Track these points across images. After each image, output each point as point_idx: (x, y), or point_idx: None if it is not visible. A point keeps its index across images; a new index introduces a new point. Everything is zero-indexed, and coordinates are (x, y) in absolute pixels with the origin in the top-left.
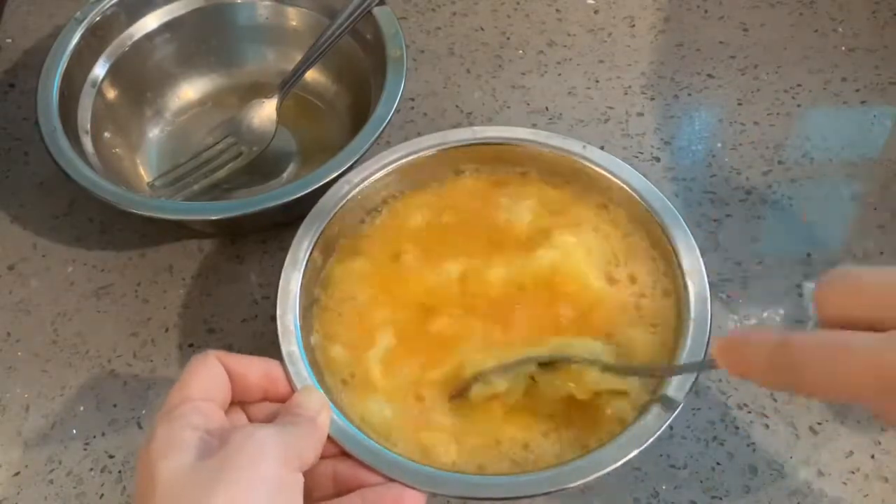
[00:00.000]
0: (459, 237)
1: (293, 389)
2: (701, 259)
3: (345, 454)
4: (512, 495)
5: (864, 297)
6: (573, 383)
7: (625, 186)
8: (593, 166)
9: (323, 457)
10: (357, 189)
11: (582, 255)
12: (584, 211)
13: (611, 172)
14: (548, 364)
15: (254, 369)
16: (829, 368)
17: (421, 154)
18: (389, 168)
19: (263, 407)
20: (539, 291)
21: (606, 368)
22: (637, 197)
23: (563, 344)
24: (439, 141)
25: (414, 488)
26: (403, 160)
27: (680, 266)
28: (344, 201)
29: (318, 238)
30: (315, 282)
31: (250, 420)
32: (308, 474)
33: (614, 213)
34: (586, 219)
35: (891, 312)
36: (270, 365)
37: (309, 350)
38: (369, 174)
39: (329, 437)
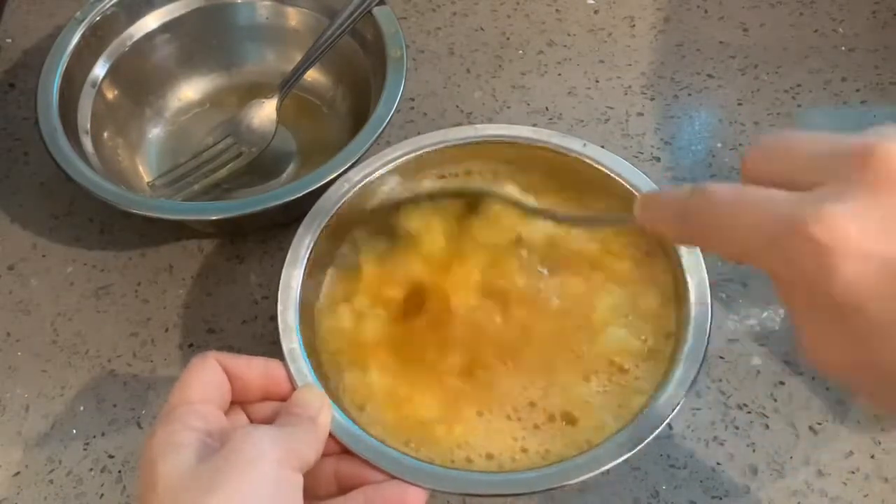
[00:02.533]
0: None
1: (294, 387)
2: (702, 259)
3: (346, 452)
4: (511, 492)
5: (788, 157)
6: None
7: (626, 185)
8: (594, 164)
9: (325, 455)
10: (359, 187)
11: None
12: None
13: (612, 171)
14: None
15: (254, 369)
16: (735, 217)
17: (422, 152)
18: (391, 166)
19: (264, 406)
20: (536, 292)
21: (529, 211)
22: (638, 195)
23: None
24: (440, 139)
25: (416, 485)
26: (405, 158)
27: (681, 266)
28: (345, 199)
29: (320, 236)
30: (315, 280)
31: (251, 420)
32: (310, 473)
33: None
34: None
35: (812, 175)
36: (271, 364)
37: (310, 347)
38: (370, 172)
39: (330, 435)
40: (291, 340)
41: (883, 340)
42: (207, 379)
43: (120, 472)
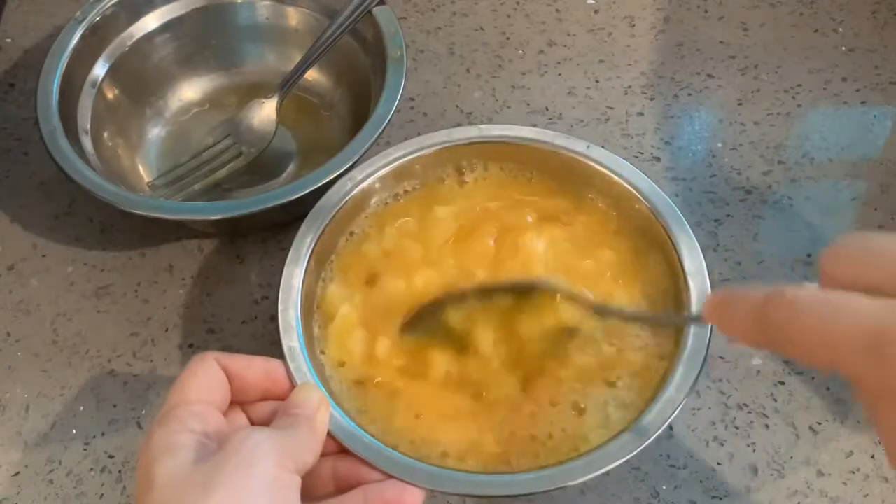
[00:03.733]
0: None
1: (294, 386)
2: (703, 260)
3: (345, 451)
4: (511, 493)
5: (871, 261)
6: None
7: (628, 186)
8: (597, 166)
9: (323, 454)
10: (359, 187)
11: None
12: (588, 212)
13: (614, 172)
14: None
15: (253, 369)
16: (821, 324)
17: (425, 152)
18: (392, 166)
19: (264, 406)
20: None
21: (594, 309)
22: (640, 197)
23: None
24: (444, 139)
25: (413, 485)
26: (407, 158)
27: (682, 266)
28: (346, 199)
29: (321, 235)
30: (316, 278)
31: (250, 420)
32: (308, 473)
33: (616, 213)
34: (589, 220)
35: (894, 277)
36: (271, 364)
37: (310, 346)
38: (372, 172)
39: (329, 434)
40: (292, 339)
41: None
42: (206, 379)
43: (120, 472)
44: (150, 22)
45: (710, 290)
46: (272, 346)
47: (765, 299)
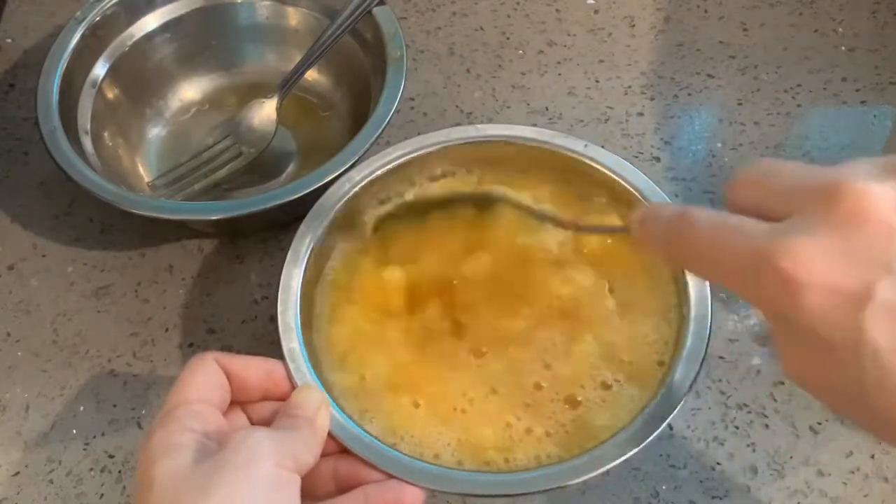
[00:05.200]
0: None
1: (294, 387)
2: None
3: (345, 451)
4: (511, 492)
5: (766, 186)
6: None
7: (626, 185)
8: (596, 165)
9: (323, 455)
10: (359, 187)
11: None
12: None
13: (613, 172)
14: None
15: (253, 369)
16: (714, 244)
17: (423, 152)
18: (392, 165)
19: (264, 406)
20: (537, 290)
21: (526, 210)
22: (639, 196)
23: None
24: (442, 139)
25: (413, 485)
26: (406, 158)
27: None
28: (346, 199)
29: (320, 235)
30: (316, 278)
31: (250, 420)
32: (308, 473)
33: (615, 212)
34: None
35: (785, 205)
36: (271, 364)
37: (310, 346)
38: (371, 172)
39: (329, 434)
40: (291, 340)
41: (842, 365)
42: (206, 379)
43: (120, 472)
44: (150, 22)
45: (708, 291)
46: (272, 347)
47: (674, 216)
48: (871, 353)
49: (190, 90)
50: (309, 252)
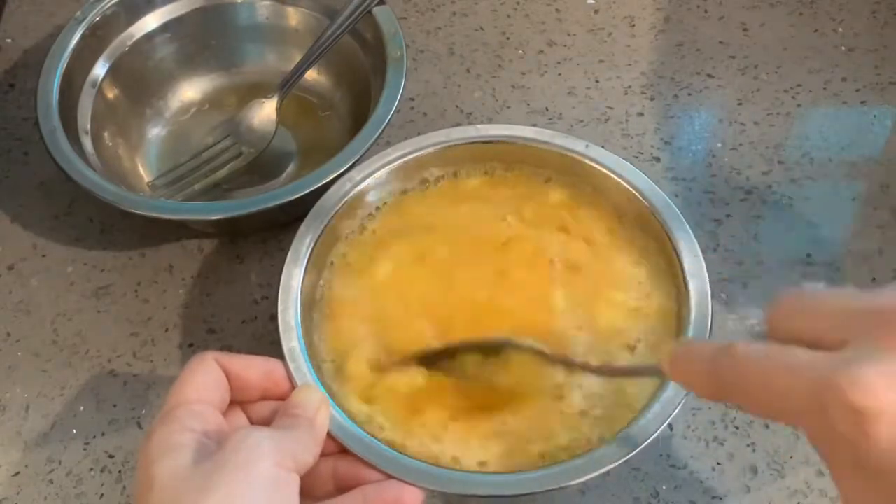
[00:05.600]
0: (461, 238)
1: (294, 387)
2: (703, 260)
3: (344, 451)
4: (511, 493)
5: (813, 315)
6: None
7: (628, 186)
8: (596, 165)
9: (323, 454)
10: (359, 187)
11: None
12: (588, 211)
13: (614, 172)
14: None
15: (253, 369)
16: (767, 379)
17: (424, 152)
18: (392, 166)
19: (264, 406)
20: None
21: (554, 360)
22: (639, 196)
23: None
24: (443, 139)
25: (413, 485)
26: (406, 158)
27: (681, 266)
28: (346, 199)
29: (320, 235)
30: (316, 278)
31: (250, 420)
32: (308, 473)
33: (616, 212)
34: (589, 219)
35: (837, 333)
36: (270, 364)
37: (310, 346)
38: (371, 172)
39: (329, 434)
40: (291, 339)
41: None
42: (206, 379)
43: (120, 472)
44: (150, 22)
45: (709, 290)
46: (272, 346)
47: (715, 355)
48: None
49: (190, 90)
50: (309, 252)
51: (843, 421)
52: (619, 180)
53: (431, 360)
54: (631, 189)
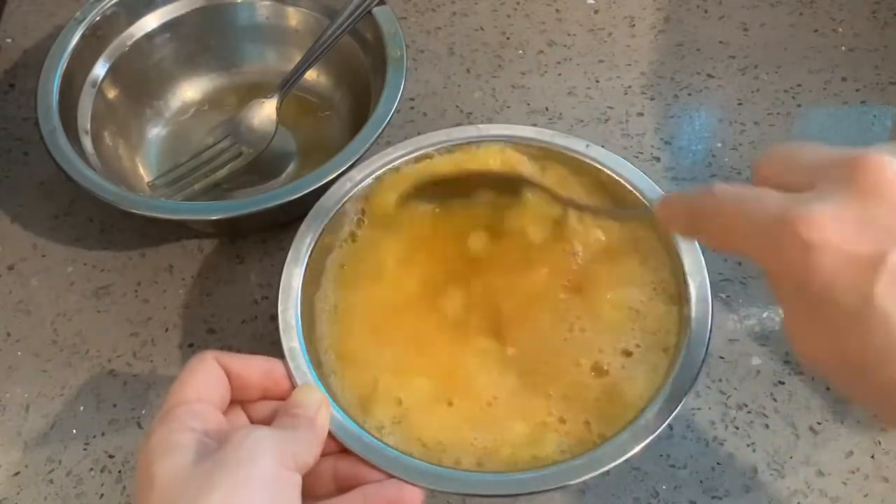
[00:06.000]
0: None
1: (294, 386)
2: (703, 260)
3: (345, 451)
4: (511, 492)
5: (791, 162)
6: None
7: (628, 186)
8: (597, 165)
9: (323, 454)
10: (359, 187)
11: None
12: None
13: (614, 171)
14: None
15: (253, 368)
16: (736, 213)
17: (423, 152)
18: (392, 165)
19: (264, 406)
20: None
21: (564, 201)
22: (640, 196)
23: None
24: (443, 139)
25: (413, 485)
26: (406, 157)
27: (682, 266)
28: (346, 199)
29: (320, 235)
30: (316, 279)
31: (250, 419)
32: (308, 472)
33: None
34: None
35: (808, 177)
36: (272, 364)
37: (311, 346)
38: (371, 172)
39: (329, 434)
40: (292, 339)
41: (850, 331)
42: (206, 378)
43: (120, 472)
44: (150, 22)
45: (709, 290)
46: (272, 346)
47: (697, 195)
48: (879, 318)
49: (190, 90)
50: (310, 251)
51: (790, 250)
52: (620, 180)
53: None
54: (631, 189)
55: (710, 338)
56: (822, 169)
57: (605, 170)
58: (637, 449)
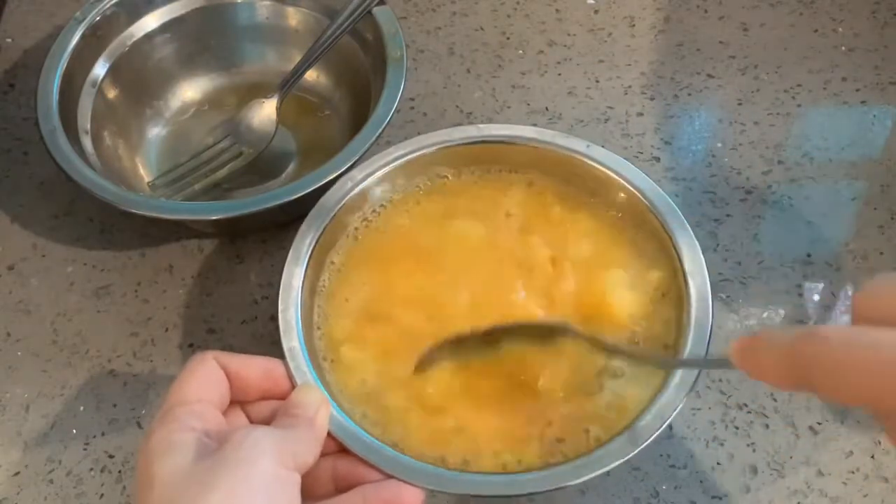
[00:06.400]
0: (462, 239)
1: (293, 386)
2: (703, 260)
3: (344, 451)
4: (511, 493)
5: None
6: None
7: (628, 186)
8: (597, 165)
9: (323, 454)
10: (360, 187)
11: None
12: (589, 211)
13: (614, 172)
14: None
15: (253, 368)
16: (854, 359)
17: (424, 152)
18: (393, 165)
19: (264, 406)
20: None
21: (609, 349)
22: (640, 197)
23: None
24: (444, 139)
25: (413, 485)
26: (406, 158)
27: (682, 266)
28: (346, 199)
29: (321, 235)
30: (316, 279)
31: (250, 419)
32: (308, 472)
33: (617, 212)
34: (590, 219)
35: None
36: (270, 363)
37: (311, 346)
38: (372, 172)
39: (329, 434)
40: (292, 339)
41: None
42: (206, 378)
43: (120, 472)
44: (150, 22)
45: (709, 290)
46: (272, 346)
47: (796, 338)
48: None
49: (190, 90)
50: (310, 251)
51: None
52: (620, 180)
53: (462, 346)
54: (631, 189)
55: (710, 338)
56: None
57: (606, 169)
58: (637, 449)
